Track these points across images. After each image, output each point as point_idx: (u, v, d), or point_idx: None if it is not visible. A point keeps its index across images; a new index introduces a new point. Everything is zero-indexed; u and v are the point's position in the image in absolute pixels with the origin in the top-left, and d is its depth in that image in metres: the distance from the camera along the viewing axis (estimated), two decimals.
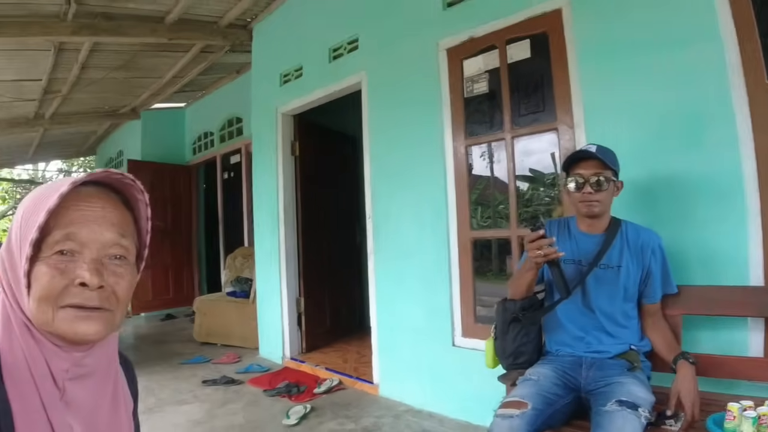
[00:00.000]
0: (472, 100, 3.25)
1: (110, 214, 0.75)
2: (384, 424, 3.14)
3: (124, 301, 0.75)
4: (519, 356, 2.04)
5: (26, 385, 0.67)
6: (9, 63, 4.96)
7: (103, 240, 0.73)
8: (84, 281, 0.69)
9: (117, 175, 0.76)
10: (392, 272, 3.69)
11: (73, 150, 10.92)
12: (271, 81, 4.95)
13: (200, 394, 3.92)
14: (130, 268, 0.77)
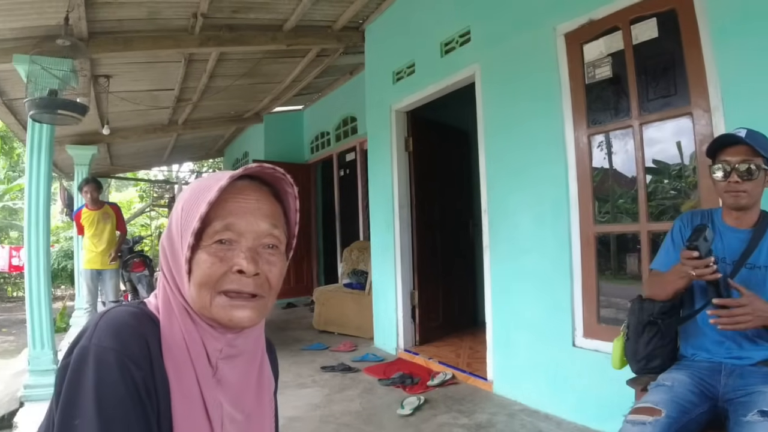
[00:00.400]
0: (594, 86, 3.07)
1: (264, 206, 0.79)
2: (498, 421, 3.09)
3: (275, 288, 0.80)
4: (652, 360, 1.88)
5: (184, 363, 0.73)
6: (144, 74, 5.49)
7: (258, 230, 0.77)
8: (241, 268, 0.74)
9: (269, 169, 0.79)
10: (508, 268, 3.61)
11: (203, 152, 11.84)
12: (384, 79, 5.06)
13: (319, 379, 4.13)
14: (281, 257, 0.81)
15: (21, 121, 5.89)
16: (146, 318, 0.75)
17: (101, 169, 9.78)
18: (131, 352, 0.68)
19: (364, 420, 3.24)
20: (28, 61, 3.63)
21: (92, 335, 0.68)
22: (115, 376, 0.65)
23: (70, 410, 0.64)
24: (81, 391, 0.64)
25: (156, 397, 0.69)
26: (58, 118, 3.70)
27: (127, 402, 0.65)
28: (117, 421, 0.64)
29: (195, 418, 0.73)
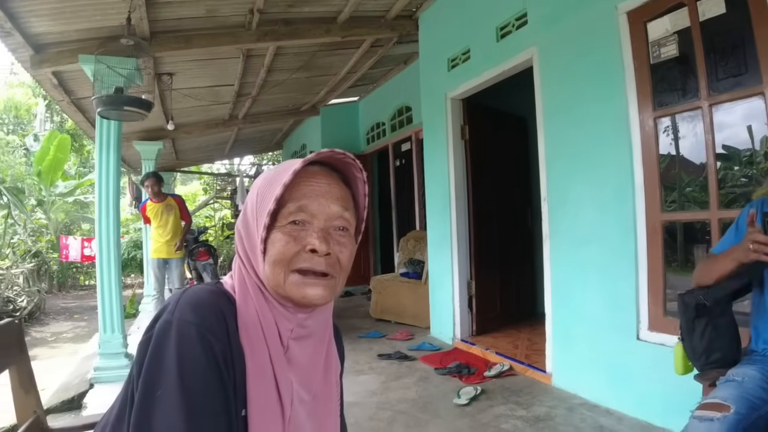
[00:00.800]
0: (660, 66, 2.90)
1: (334, 190, 0.82)
2: (557, 415, 3.03)
3: (345, 269, 0.82)
4: (711, 353, 1.79)
5: (258, 340, 0.76)
6: (205, 71, 5.65)
7: (330, 212, 0.80)
8: (314, 248, 0.77)
9: (339, 154, 0.82)
10: (569, 258, 3.50)
11: (263, 146, 12.12)
12: (439, 67, 5.00)
13: (376, 366, 4.17)
14: (351, 239, 0.84)
15: (89, 119, 6.19)
16: (223, 296, 0.79)
17: (167, 164, 10.17)
18: (211, 326, 0.71)
19: (420, 408, 3.24)
20: (94, 60, 3.79)
21: (174, 310, 0.72)
22: (197, 348, 0.68)
23: (152, 382, 0.67)
24: (163, 363, 0.67)
25: (233, 370, 0.73)
26: (124, 115, 3.85)
27: (207, 373, 0.68)
28: (198, 392, 0.67)
29: (267, 394, 0.76)
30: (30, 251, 11.17)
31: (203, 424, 0.66)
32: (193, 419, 0.65)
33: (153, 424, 0.65)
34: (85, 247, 11.04)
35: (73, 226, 14.31)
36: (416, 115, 6.75)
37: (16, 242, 11.36)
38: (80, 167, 16.61)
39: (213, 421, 0.67)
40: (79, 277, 13.81)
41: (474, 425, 2.93)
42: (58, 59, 4.12)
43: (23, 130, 17.11)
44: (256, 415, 0.74)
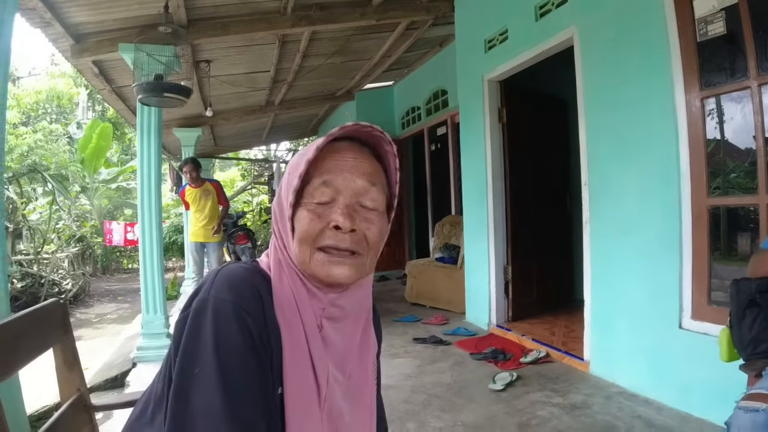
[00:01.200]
0: (707, 44, 2.76)
1: (361, 164, 0.80)
2: (594, 403, 2.97)
3: (374, 246, 0.80)
4: (759, 344, 1.74)
5: (293, 318, 0.76)
6: (242, 58, 5.69)
7: (355, 187, 0.78)
8: (338, 224, 0.75)
9: (367, 128, 0.79)
10: (610, 244, 3.41)
11: (299, 131, 12.18)
12: (476, 48, 4.91)
13: (411, 350, 4.19)
14: (380, 216, 0.81)
15: (130, 107, 6.33)
16: (258, 274, 0.79)
17: (206, 150, 10.33)
18: (247, 303, 0.71)
19: (455, 392, 3.24)
20: (133, 49, 3.86)
21: (210, 288, 0.72)
22: (233, 326, 0.68)
23: (190, 359, 0.67)
24: (200, 341, 0.67)
25: (270, 348, 0.72)
26: (164, 101, 3.91)
27: (244, 351, 0.68)
28: (235, 369, 0.67)
29: (303, 372, 0.75)
30: (75, 236, 11.57)
31: (241, 400, 0.66)
32: (230, 396, 0.65)
33: (191, 401, 0.65)
34: (128, 232, 11.37)
35: (116, 212, 14.78)
36: (452, 99, 6.66)
37: (61, 227, 11.77)
38: (122, 155, 17.08)
39: (251, 397, 0.67)
40: (122, 261, 14.27)
41: (509, 411, 2.91)
42: (98, 48, 4.21)
43: (66, 120, 17.66)
44: (293, 393, 0.74)
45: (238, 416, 0.65)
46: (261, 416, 0.68)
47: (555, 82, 5.17)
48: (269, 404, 0.71)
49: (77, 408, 1.42)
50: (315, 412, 0.76)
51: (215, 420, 0.64)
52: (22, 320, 1.25)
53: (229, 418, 0.64)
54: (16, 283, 7.95)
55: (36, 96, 17.25)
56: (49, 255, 9.67)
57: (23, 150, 12.33)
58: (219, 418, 0.64)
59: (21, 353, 1.19)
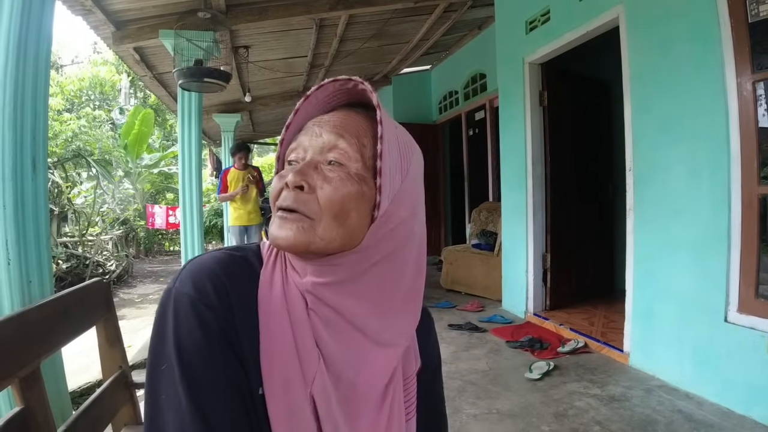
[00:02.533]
0: (759, 25, 2.61)
1: (335, 118, 0.70)
2: (633, 396, 2.91)
3: (330, 210, 0.65)
4: None
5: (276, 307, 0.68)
6: (279, 43, 5.71)
7: (320, 142, 0.68)
8: (287, 181, 0.66)
9: (349, 83, 0.71)
10: (654, 232, 3.29)
11: None
12: (516, 30, 4.79)
13: (446, 336, 4.16)
14: (344, 175, 0.66)
15: (171, 93, 6.46)
16: (238, 262, 0.71)
17: (244, 135, 10.48)
18: (206, 296, 0.64)
19: (491, 380, 3.21)
20: (173, 35, 3.92)
21: (175, 281, 0.67)
22: (192, 321, 0.63)
23: (156, 355, 0.64)
24: (163, 337, 0.64)
25: (240, 343, 0.65)
26: (204, 86, 3.97)
27: (205, 347, 0.63)
28: (198, 367, 0.62)
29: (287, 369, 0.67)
30: (118, 219, 11.91)
31: (208, 400, 0.62)
32: (197, 395, 0.61)
33: (160, 396, 0.63)
34: (170, 215, 11.63)
35: (158, 196, 15.12)
36: (491, 83, 6.54)
37: (105, 211, 12.13)
38: (164, 140, 17.47)
39: (219, 396, 0.62)
40: (164, 243, 14.61)
41: (546, 401, 2.87)
42: (139, 35, 4.28)
43: (109, 106, 18.14)
44: (273, 394, 0.66)
45: (202, 411, 0.61)
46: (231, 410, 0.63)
47: (599, 64, 5.03)
48: (245, 404, 0.65)
49: (119, 385, 1.45)
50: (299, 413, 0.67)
51: (183, 417, 0.61)
52: (66, 298, 1.27)
53: (195, 414, 0.61)
54: (61, 264, 8.23)
55: (79, 83, 17.75)
56: (93, 237, 9.98)
57: (68, 136, 12.70)
58: (186, 415, 0.61)
59: (64, 331, 1.22)
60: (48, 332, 1.15)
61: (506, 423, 2.62)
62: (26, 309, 1.12)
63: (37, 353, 1.08)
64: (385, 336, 0.72)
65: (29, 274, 1.55)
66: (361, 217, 0.67)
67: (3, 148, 1.50)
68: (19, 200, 1.52)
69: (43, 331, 1.13)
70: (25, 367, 1.02)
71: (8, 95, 1.52)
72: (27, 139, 1.56)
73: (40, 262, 1.60)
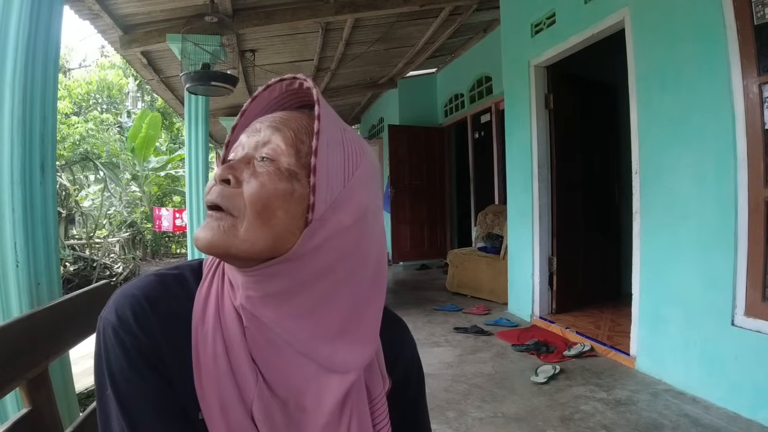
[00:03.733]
0: (765, 27, 2.60)
1: (277, 115, 0.67)
2: (639, 400, 2.89)
3: (254, 206, 0.59)
4: None
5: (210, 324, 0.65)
6: (286, 47, 5.73)
7: (257, 138, 0.65)
8: (215, 175, 0.62)
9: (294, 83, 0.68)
10: (662, 235, 3.27)
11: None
12: (522, 33, 4.79)
13: (452, 339, 4.16)
14: (273, 170, 0.61)
15: (178, 97, 6.49)
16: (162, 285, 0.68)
17: None
18: (126, 324, 0.63)
19: (497, 383, 3.20)
20: (180, 39, 3.94)
21: (105, 307, 0.66)
22: (116, 349, 0.62)
23: (100, 382, 0.64)
24: (100, 364, 0.64)
25: (167, 367, 0.63)
26: (211, 90, 3.99)
27: (129, 375, 0.62)
28: (128, 393, 0.62)
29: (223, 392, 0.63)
30: (125, 222, 11.98)
31: (144, 425, 0.61)
32: (133, 421, 0.61)
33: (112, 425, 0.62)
34: (177, 218, 11.67)
35: (165, 199, 15.19)
36: (497, 85, 6.55)
37: (113, 213, 12.21)
38: (171, 144, 17.53)
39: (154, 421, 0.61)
40: (171, 246, 14.67)
41: (551, 404, 2.86)
42: (146, 39, 4.31)
43: (116, 109, 18.24)
44: (211, 417, 0.63)
45: None
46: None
47: (605, 67, 5.02)
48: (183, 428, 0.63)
49: None
50: None
51: None
52: (74, 301, 1.28)
53: None
54: (69, 266, 8.29)
55: (87, 86, 17.86)
56: (100, 240, 10.05)
57: (75, 139, 12.79)
58: None
59: (72, 333, 1.22)
60: (56, 334, 1.16)
61: (512, 426, 2.61)
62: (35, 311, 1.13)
63: (45, 355, 1.08)
64: (336, 361, 0.66)
65: (38, 276, 1.56)
66: (290, 218, 0.60)
67: (12, 152, 1.51)
68: (28, 203, 1.53)
69: (51, 333, 1.13)
70: (33, 369, 1.03)
71: (17, 99, 1.53)
72: (36, 143, 1.57)
73: (49, 265, 1.61)
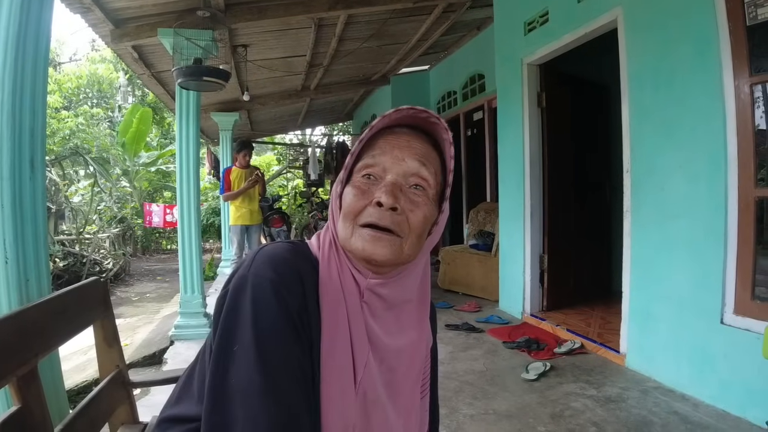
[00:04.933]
0: (757, 28, 2.61)
1: (414, 145, 0.79)
2: (629, 397, 2.91)
3: (416, 230, 0.76)
4: None
5: (336, 298, 0.75)
6: (278, 42, 5.70)
7: (405, 166, 0.77)
8: (379, 201, 0.73)
9: (423, 113, 0.79)
10: (652, 234, 3.30)
11: (334, 116, 12.25)
12: (515, 31, 4.80)
13: (443, 336, 4.17)
14: (428, 201, 0.78)
15: (169, 92, 6.44)
16: (301, 254, 0.77)
17: (242, 134, 10.46)
18: (286, 281, 0.70)
19: (488, 380, 3.22)
20: (172, 33, 3.90)
21: (250, 266, 0.71)
22: (272, 304, 0.68)
23: (228, 337, 0.68)
24: (239, 319, 0.67)
25: (309, 327, 0.72)
26: (203, 85, 3.95)
27: (283, 328, 0.68)
28: (273, 347, 0.67)
29: (342, 354, 0.74)
30: (116, 217, 11.90)
31: (280, 378, 0.66)
32: (270, 373, 0.65)
33: (229, 379, 0.65)
34: (167, 214, 11.62)
35: (156, 194, 15.11)
36: (489, 83, 6.55)
37: (103, 209, 12.12)
38: (161, 139, 17.44)
39: (288, 375, 0.67)
40: (161, 242, 14.62)
41: (542, 401, 2.88)
42: (138, 33, 4.27)
43: (107, 104, 18.10)
44: (329, 375, 0.73)
45: (275, 394, 0.65)
46: (300, 394, 0.68)
47: (597, 66, 5.04)
48: (309, 383, 0.70)
49: (116, 384, 1.45)
50: (349, 397, 0.75)
51: (252, 398, 0.64)
52: (63, 298, 1.27)
53: (265, 395, 0.64)
54: (58, 262, 8.22)
55: (77, 81, 17.70)
56: (90, 235, 9.98)
57: (65, 133, 12.66)
58: (256, 396, 0.64)
59: (62, 330, 1.22)
60: (45, 331, 1.15)
61: (503, 423, 2.63)
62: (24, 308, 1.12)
63: (35, 352, 1.08)
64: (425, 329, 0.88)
65: (27, 273, 1.55)
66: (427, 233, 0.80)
67: (1, 147, 1.49)
68: (17, 199, 1.52)
69: (40, 330, 1.13)
70: (23, 366, 1.02)
71: (6, 93, 1.51)
72: (25, 138, 1.55)
73: (38, 262, 1.60)
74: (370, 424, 0.78)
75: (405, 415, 0.85)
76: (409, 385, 0.85)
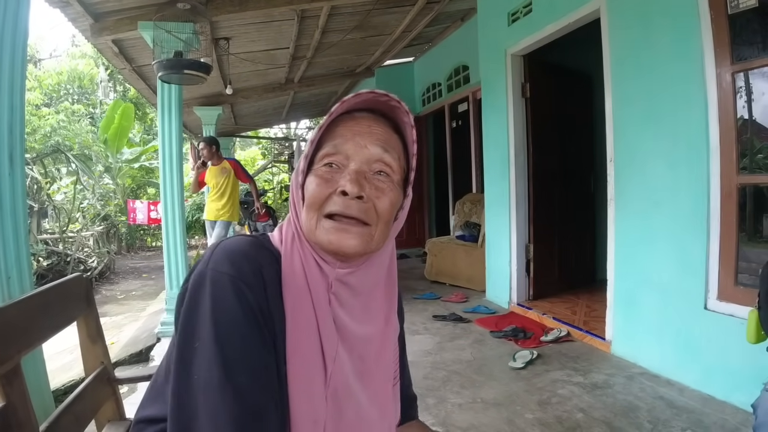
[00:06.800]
0: (738, 17, 2.64)
1: (375, 131, 0.77)
2: (615, 383, 2.95)
3: (384, 217, 0.76)
4: None
5: (301, 292, 0.73)
6: (261, 35, 5.64)
7: (367, 153, 0.75)
8: (344, 189, 0.72)
9: (383, 96, 0.77)
10: (635, 222, 3.33)
11: (318, 110, 12.16)
12: (499, 21, 4.80)
13: (431, 327, 4.19)
14: (393, 186, 0.77)
15: (151, 86, 6.36)
16: (263, 248, 0.76)
17: (226, 129, 10.38)
18: (245, 275, 0.68)
19: (475, 369, 3.24)
20: (153, 27, 3.85)
21: (208, 261, 0.70)
22: (231, 299, 0.66)
23: (189, 333, 0.67)
24: (198, 315, 0.66)
25: (272, 323, 0.70)
26: (184, 78, 3.92)
27: (242, 324, 0.66)
28: (234, 343, 0.65)
29: (309, 348, 0.73)
30: (99, 215, 11.77)
31: (240, 373, 0.65)
32: (232, 370, 0.64)
33: (192, 375, 0.65)
34: (152, 210, 11.51)
35: (139, 191, 14.95)
36: (474, 75, 6.55)
37: (86, 207, 11.98)
38: (144, 134, 17.21)
39: (250, 371, 0.66)
40: (146, 239, 14.49)
41: (529, 389, 2.90)
42: (118, 27, 4.20)
43: (87, 100, 17.84)
44: (296, 370, 0.72)
45: (235, 389, 0.64)
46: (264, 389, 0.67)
47: (581, 56, 5.05)
48: (272, 378, 0.69)
49: (101, 380, 1.44)
50: (318, 391, 0.74)
51: (215, 394, 0.63)
52: (46, 294, 1.26)
53: (225, 390, 0.63)
54: (42, 261, 8.13)
55: (57, 77, 17.42)
56: (74, 234, 9.87)
57: (46, 131, 12.45)
58: (216, 391, 0.63)
59: (44, 327, 1.20)
60: (28, 328, 1.13)
61: (491, 411, 2.65)
62: (5, 305, 1.10)
63: (17, 349, 1.06)
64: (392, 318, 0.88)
65: (8, 270, 1.53)
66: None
67: None
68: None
69: (22, 327, 1.11)
70: (6, 363, 1.01)
71: None
72: (3, 133, 1.53)
73: (19, 259, 1.58)
74: (342, 417, 0.77)
75: (378, 403, 0.84)
76: (380, 372, 0.85)
